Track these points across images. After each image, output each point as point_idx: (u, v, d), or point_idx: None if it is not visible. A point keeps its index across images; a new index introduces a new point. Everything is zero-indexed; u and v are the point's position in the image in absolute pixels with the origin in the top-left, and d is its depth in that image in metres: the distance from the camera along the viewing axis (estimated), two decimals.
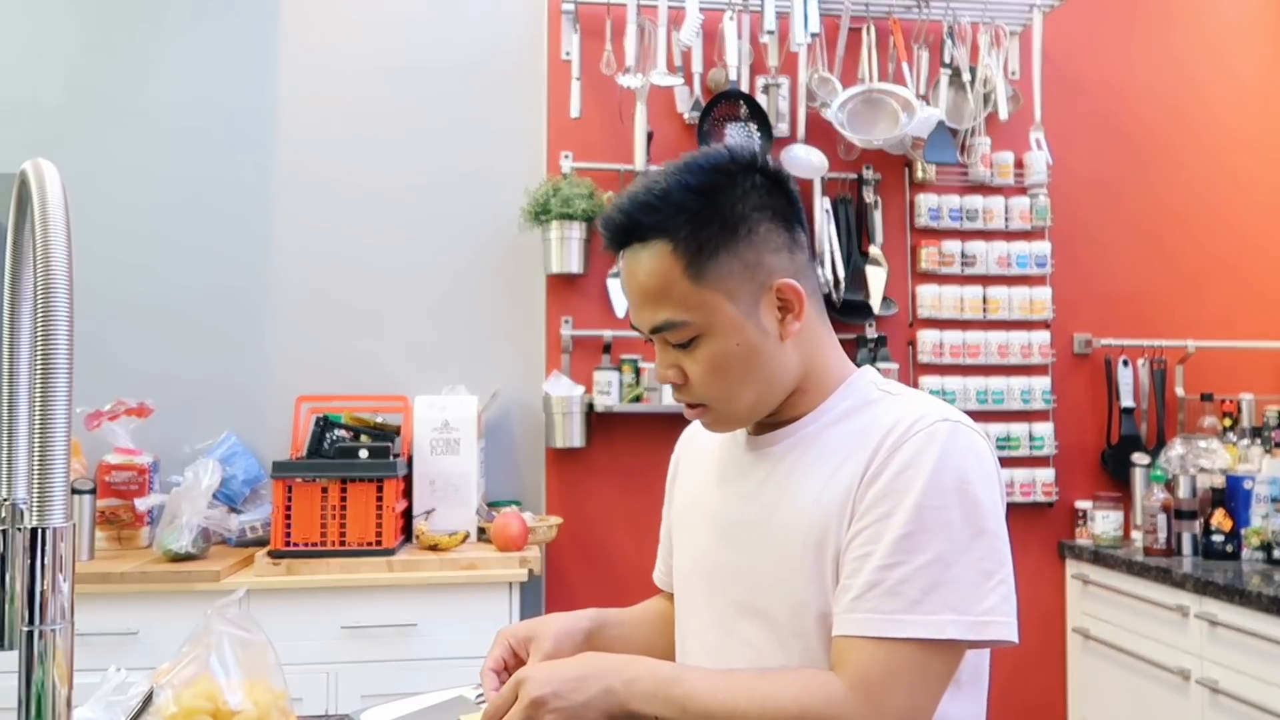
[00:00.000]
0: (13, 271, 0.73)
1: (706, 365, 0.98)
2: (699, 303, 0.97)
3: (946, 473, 0.91)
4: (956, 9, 2.84)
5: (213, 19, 2.73)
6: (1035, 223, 2.92)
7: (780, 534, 0.99)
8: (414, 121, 2.78)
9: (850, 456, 0.97)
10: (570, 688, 0.89)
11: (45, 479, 0.63)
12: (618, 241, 1.01)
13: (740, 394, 0.99)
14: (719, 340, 0.98)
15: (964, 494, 0.91)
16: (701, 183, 0.98)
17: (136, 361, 2.61)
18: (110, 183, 2.65)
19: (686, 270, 0.96)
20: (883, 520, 0.91)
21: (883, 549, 0.89)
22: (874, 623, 0.88)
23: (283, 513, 2.25)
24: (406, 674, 2.16)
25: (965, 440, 0.94)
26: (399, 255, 2.75)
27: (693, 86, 2.78)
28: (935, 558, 0.88)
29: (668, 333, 0.98)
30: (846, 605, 0.91)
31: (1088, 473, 2.96)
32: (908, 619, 0.87)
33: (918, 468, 0.91)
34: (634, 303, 1.01)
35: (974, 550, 0.90)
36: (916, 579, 0.88)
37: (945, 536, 0.89)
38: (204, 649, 0.98)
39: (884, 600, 0.88)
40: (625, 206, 0.99)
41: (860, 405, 1.02)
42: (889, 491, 0.91)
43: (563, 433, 2.64)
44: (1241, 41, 3.15)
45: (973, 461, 0.93)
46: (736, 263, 0.97)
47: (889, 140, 2.75)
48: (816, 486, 0.98)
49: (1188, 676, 2.29)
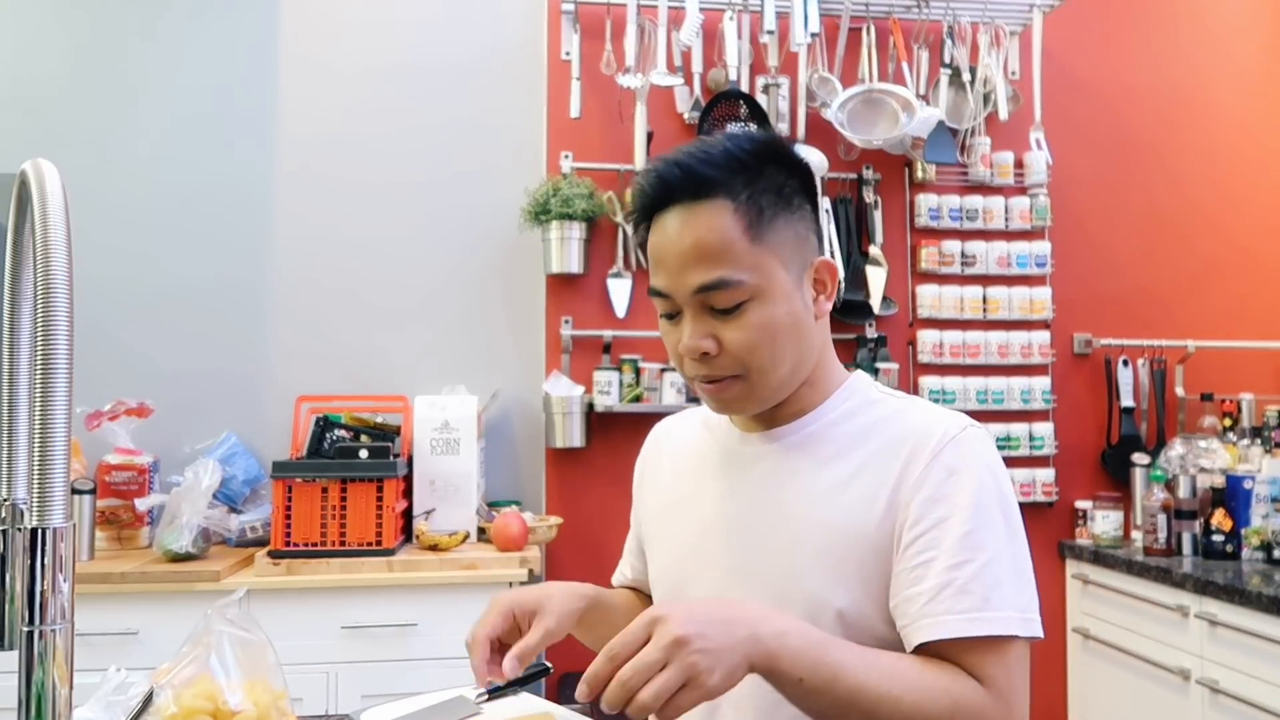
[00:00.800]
0: (13, 271, 0.73)
1: (754, 331, 0.95)
2: (755, 264, 0.95)
3: (987, 477, 0.95)
4: (956, 9, 2.84)
5: (214, 18, 2.73)
6: (1035, 223, 2.92)
7: (794, 532, 0.98)
8: (414, 121, 2.78)
9: (874, 458, 0.98)
10: (717, 630, 0.79)
11: (45, 479, 0.63)
12: (667, 198, 0.97)
13: (780, 365, 0.98)
14: (770, 306, 0.96)
15: (1002, 497, 0.95)
16: (760, 150, 0.98)
17: (136, 362, 2.61)
18: (109, 183, 2.65)
19: (747, 230, 0.95)
20: (940, 524, 0.92)
21: (947, 551, 0.91)
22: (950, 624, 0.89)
23: (283, 513, 2.25)
24: (406, 674, 2.16)
25: (991, 446, 0.98)
26: (399, 255, 2.75)
27: (693, 86, 2.78)
28: (993, 555, 0.91)
29: (718, 293, 0.94)
30: (920, 610, 0.90)
31: (1088, 473, 2.96)
32: (981, 616, 0.89)
33: (965, 473, 0.94)
34: (680, 261, 0.96)
35: (1012, 549, 0.94)
36: (983, 576, 0.90)
37: (996, 536, 0.92)
38: (204, 649, 0.98)
39: (957, 599, 0.89)
40: (684, 161, 0.96)
41: (863, 405, 1.03)
42: (940, 496, 0.93)
43: (563, 433, 2.64)
44: (1241, 41, 3.15)
45: (999, 466, 0.98)
46: (790, 232, 0.98)
47: (889, 140, 2.75)
48: (833, 486, 0.98)
49: (1188, 676, 2.29)
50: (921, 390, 2.82)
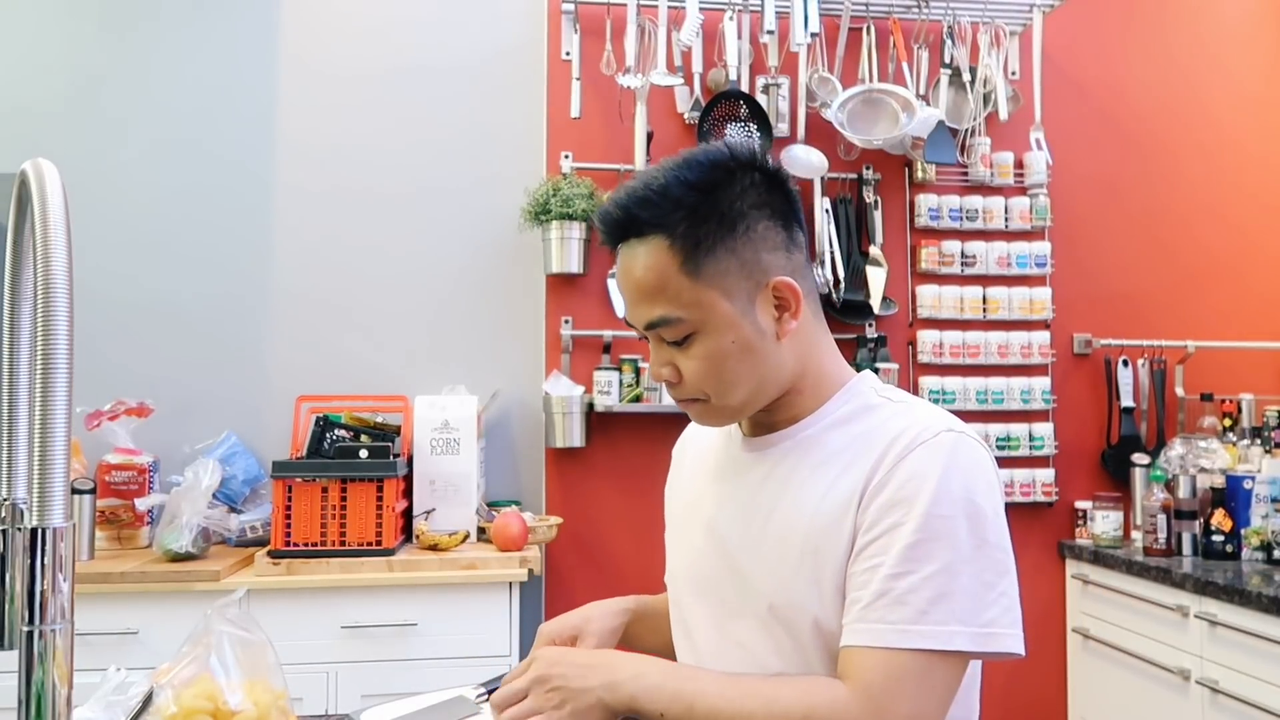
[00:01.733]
0: (13, 271, 0.73)
1: (701, 362, 0.98)
2: (694, 300, 0.96)
3: (953, 483, 0.91)
4: (956, 9, 2.84)
5: (213, 21, 2.73)
6: (1035, 223, 2.92)
7: (778, 537, 0.98)
8: (414, 122, 2.78)
9: (853, 464, 0.96)
10: (575, 672, 0.92)
11: (45, 479, 0.63)
12: (614, 236, 1.00)
13: (734, 391, 0.99)
14: (714, 337, 0.97)
15: (969, 505, 0.91)
16: (700, 179, 0.97)
17: (136, 362, 2.61)
18: (110, 183, 2.65)
19: (683, 266, 0.95)
20: (891, 531, 0.90)
21: (892, 559, 0.89)
22: (880, 633, 0.88)
23: (283, 513, 2.25)
24: (406, 674, 2.16)
25: (969, 451, 0.94)
26: (399, 255, 2.75)
27: (693, 86, 2.78)
28: (943, 567, 0.88)
29: (662, 329, 0.98)
30: (855, 615, 0.90)
31: (1088, 473, 2.96)
32: (914, 629, 0.87)
33: (924, 478, 0.91)
34: (629, 299, 1.00)
35: (977, 561, 0.90)
36: (924, 589, 0.88)
37: (952, 546, 0.89)
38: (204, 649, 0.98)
39: (891, 610, 0.88)
40: (622, 201, 0.98)
41: (861, 410, 1.01)
42: (897, 502, 0.91)
43: (563, 433, 2.64)
44: (1241, 41, 3.15)
45: (977, 473, 0.93)
46: (734, 260, 0.97)
47: (889, 140, 2.75)
48: (818, 492, 0.97)
49: (1188, 676, 2.29)
50: (921, 390, 2.82)
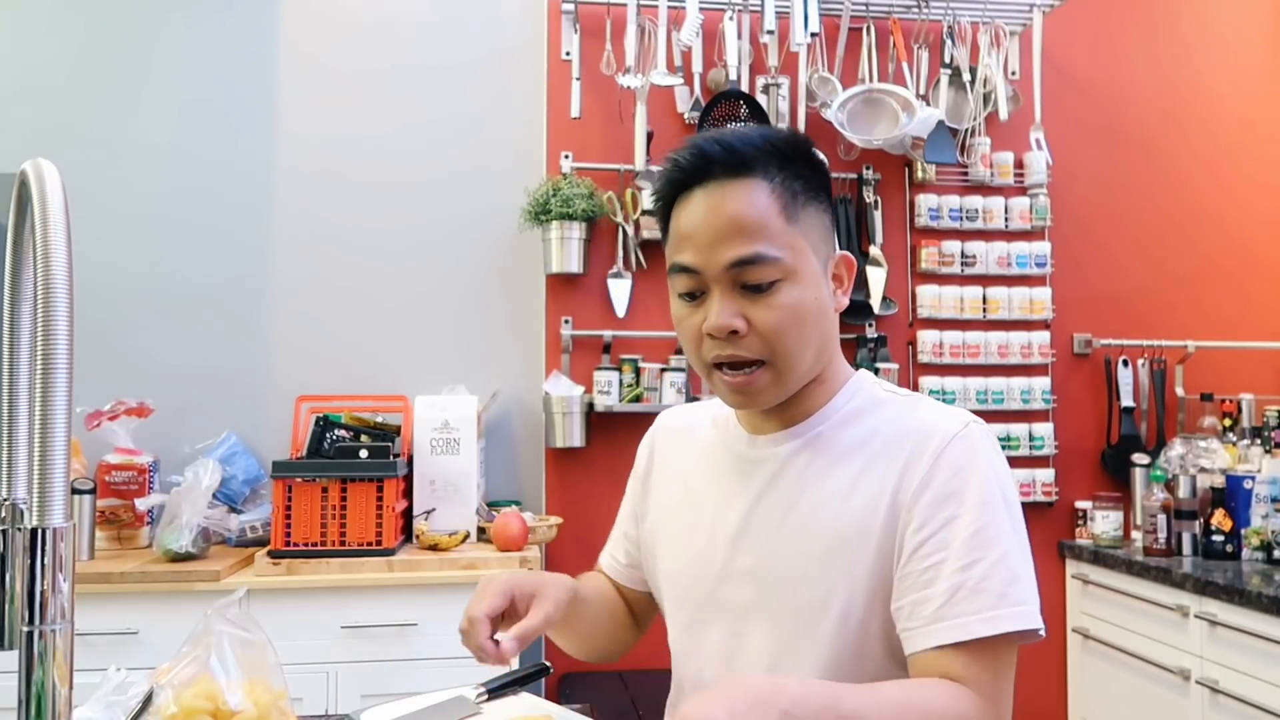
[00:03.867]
0: (13, 271, 0.73)
1: (784, 312, 0.95)
2: (791, 244, 0.96)
3: (991, 474, 0.95)
4: (956, 9, 2.84)
5: (214, 17, 2.73)
6: (1035, 223, 2.92)
7: (797, 534, 0.98)
8: (414, 121, 2.78)
9: (877, 458, 0.97)
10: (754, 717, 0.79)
11: (45, 479, 0.63)
12: (703, 173, 0.97)
13: (805, 351, 0.97)
14: (801, 288, 0.96)
15: (1005, 493, 0.95)
16: (792, 141, 1.00)
17: (136, 362, 2.61)
18: (109, 183, 2.65)
19: (783, 210, 0.96)
20: (948, 525, 0.92)
21: (956, 551, 0.91)
22: (967, 625, 0.89)
23: (283, 513, 2.25)
24: (406, 674, 2.15)
25: (992, 443, 0.98)
26: (399, 255, 2.75)
27: (693, 86, 2.78)
28: (1004, 552, 0.92)
29: (753, 268, 0.94)
30: (933, 614, 0.90)
31: (1088, 473, 2.96)
32: (997, 613, 0.89)
33: (970, 470, 0.94)
34: (713, 236, 0.95)
35: (1019, 546, 0.94)
36: (996, 574, 0.90)
37: (1003, 532, 0.92)
38: (204, 649, 0.98)
39: (971, 600, 0.89)
40: (724, 139, 0.97)
41: (869, 405, 1.03)
42: (947, 495, 0.93)
43: (563, 432, 2.64)
44: (1242, 41, 3.15)
45: (1002, 463, 0.98)
46: (818, 220, 1.00)
47: (889, 140, 2.75)
48: (842, 486, 0.98)
49: (1188, 676, 2.29)
50: (921, 390, 2.82)
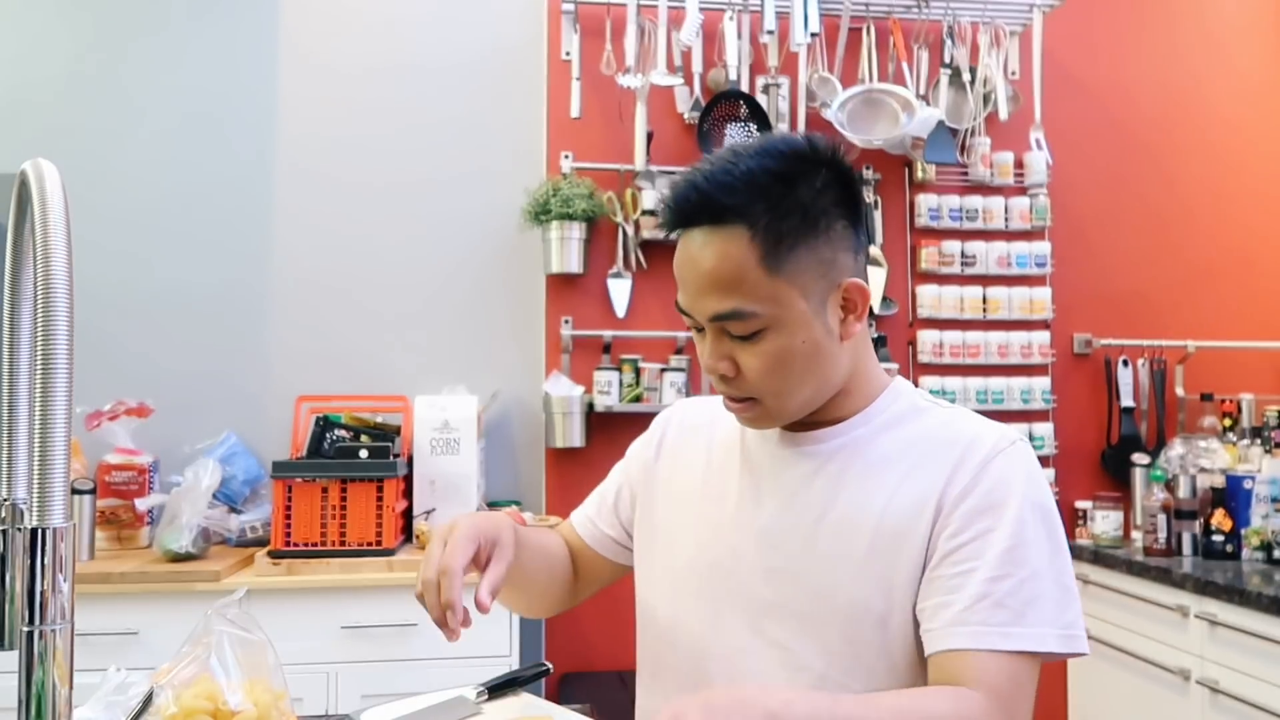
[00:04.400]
0: (13, 271, 0.73)
1: (768, 360, 0.94)
2: (771, 295, 0.92)
3: (1033, 491, 0.94)
4: (956, 9, 2.84)
5: (214, 17, 2.73)
6: (1035, 223, 2.92)
7: (837, 536, 0.97)
8: (414, 121, 2.78)
9: (922, 464, 0.97)
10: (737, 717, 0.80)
11: (45, 479, 0.62)
12: (686, 219, 0.95)
13: (797, 391, 0.97)
14: (785, 336, 0.94)
15: (1046, 511, 0.95)
16: (783, 169, 0.93)
17: (136, 362, 2.61)
18: (109, 184, 2.65)
19: (763, 260, 0.91)
20: (984, 536, 0.92)
21: (989, 563, 0.91)
22: (983, 635, 0.89)
23: (283, 513, 2.25)
24: (406, 674, 2.15)
25: (1035, 461, 0.98)
26: (399, 255, 2.75)
27: (693, 86, 2.78)
28: (1033, 572, 0.91)
29: (731, 323, 0.94)
30: (953, 618, 0.90)
31: (1088, 473, 2.96)
32: (1015, 631, 0.89)
33: (1011, 485, 0.94)
34: (696, 288, 0.94)
35: (1056, 565, 0.93)
36: (1020, 592, 0.90)
37: (1038, 552, 0.92)
38: (204, 649, 0.98)
39: (992, 613, 0.89)
40: (701, 184, 0.93)
41: (910, 412, 1.03)
42: (986, 508, 0.93)
43: (563, 433, 2.64)
44: (1241, 41, 3.15)
45: (1044, 482, 0.98)
46: (813, 258, 0.94)
47: (889, 140, 2.75)
48: (884, 491, 0.97)
49: (1188, 676, 2.29)
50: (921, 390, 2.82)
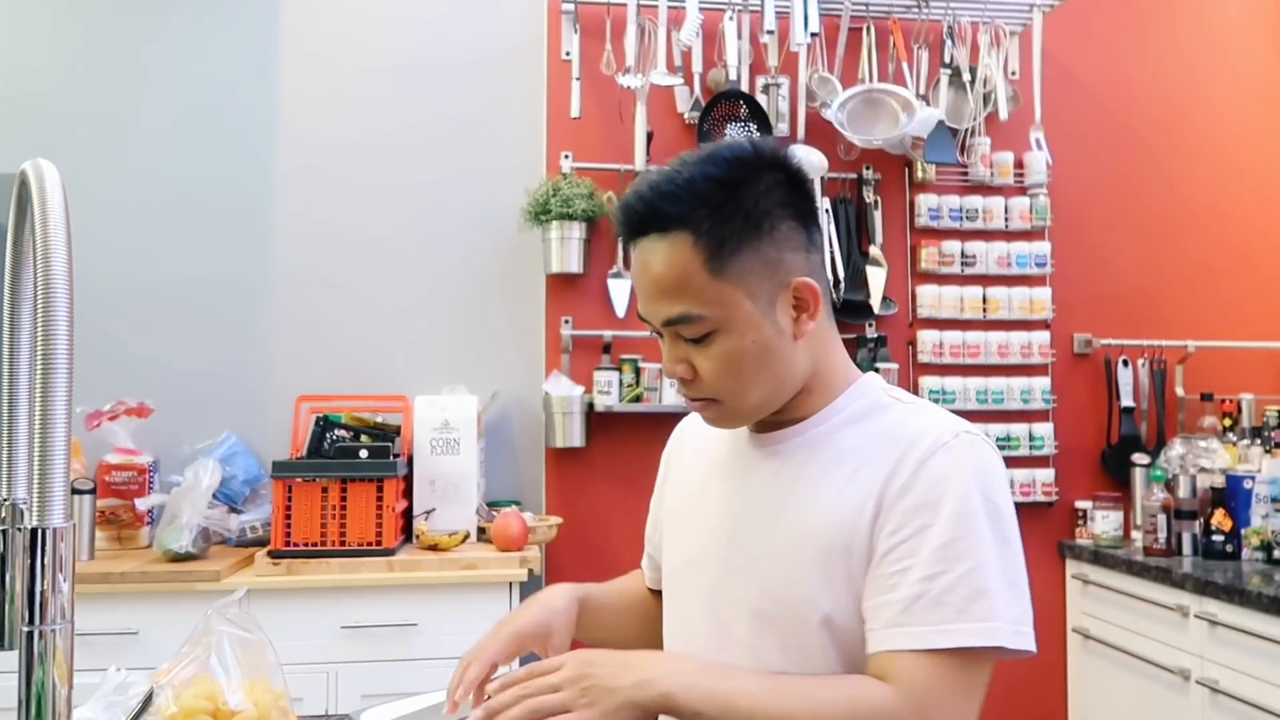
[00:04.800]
0: (13, 271, 0.73)
1: (720, 361, 0.96)
2: (717, 298, 0.95)
3: (975, 485, 0.93)
4: (956, 9, 2.84)
5: (214, 17, 2.73)
6: (1035, 223, 2.92)
7: (789, 535, 0.98)
8: (414, 120, 2.78)
9: (868, 462, 0.97)
10: (609, 671, 0.88)
11: (45, 479, 0.63)
12: (634, 230, 0.98)
13: (751, 391, 0.98)
14: (734, 337, 0.96)
15: (991, 505, 0.93)
16: (725, 174, 0.96)
17: (136, 362, 2.61)
18: (109, 183, 2.65)
19: (707, 264, 0.94)
20: (920, 532, 0.91)
21: (924, 560, 0.90)
22: (923, 635, 0.88)
23: (283, 513, 2.25)
24: (406, 674, 2.16)
25: (985, 453, 0.96)
26: (399, 255, 2.75)
27: (693, 86, 2.78)
28: (975, 565, 0.90)
29: (682, 326, 0.96)
30: (891, 619, 0.90)
31: (1088, 473, 2.96)
32: (955, 628, 0.88)
33: (949, 481, 0.93)
34: (647, 294, 0.98)
35: (1003, 559, 0.91)
36: (960, 587, 0.89)
37: (980, 545, 0.91)
38: (204, 649, 0.98)
39: (930, 610, 0.88)
40: (645, 195, 0.96)
41: (872, 409, 1.02)
42: (923, 504, 0.92)
43: (563, 433, 2.64)
44: (1242, 41, 3.15)
45: (994, 474, 0.96)
46: (757, 259, 0.96)
47: (889, 140, 2.75)
48: (832, 490, 0.97)
49: (1188, 676, 2.29)
50: (921, 390, 2.82)
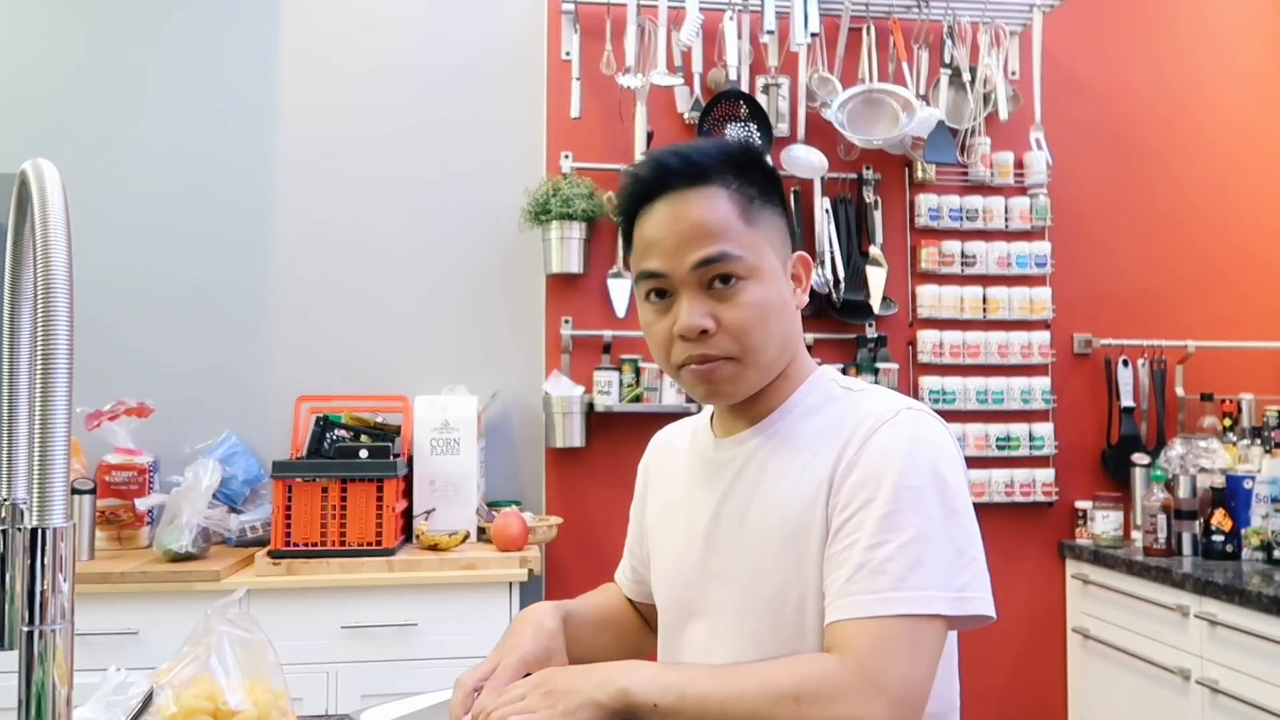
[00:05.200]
0: (13, 271, 0.73)
1: (748, 310, 0.99)
2: (752, 244, 1.00)
3: (918, 456, 0.95)
4: (956, 9, 2.84)
5: (214, 16, 2.73)
6: (1035, 223, 2.92)
7: (755, 530, 1.01)
8: (414, 120, 2.78)
9: (820, 450, 1.00)
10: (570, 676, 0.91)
11: (45, 479, 0.63)
12: (663, 184, 1.02)
13: (770, 345, 1.01)
14: (764, 285, 1.01)
15: (935, 475, 0.95)
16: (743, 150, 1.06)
17: (136, 362, 2.61)
18: (109, 183, 2.65)
19: (742, 214, 1.01)
20: (864, 507, 0.94)
21: (867, 532, 0.92)
22: (864, 603, 0.90)
23: (283, 513, 2.25)
24: (406, 674, 2.16)
25: (929, 426, 0.99)
26: (399, 255, 2.75)
27: (693, 86, 2.78)
28: (916, 535, 0.91)
29: (718, 266, 0.99)
30: (837, 591, 0.92)
31: (1088, 473, 2.96)
32: (895, 595, 0.89)
33: (891, 454, 0.95)
34: (678, 241, 1.00)
35: (948, 529, 0.93)
36: (900, 556, 0.90)
37: (923, 515, 0.92)
38: (204, 649, 0.98)
39: (871, 579, 0.90)
40: (679, 152, 1.02)
41: (824, 401, 1.06)
42: (866, 480, 0.95)
43: (563, 433, 2.64)
44: (1242, 41, 3.15)
45: (939, 445, 0.98)
46: (775, 221, 1.05)
47: (889, 140, 2.75)
48: (790, 480, 1.01)
49: (1188, 676, 2.29)
50: (921, 390, 2.82)
